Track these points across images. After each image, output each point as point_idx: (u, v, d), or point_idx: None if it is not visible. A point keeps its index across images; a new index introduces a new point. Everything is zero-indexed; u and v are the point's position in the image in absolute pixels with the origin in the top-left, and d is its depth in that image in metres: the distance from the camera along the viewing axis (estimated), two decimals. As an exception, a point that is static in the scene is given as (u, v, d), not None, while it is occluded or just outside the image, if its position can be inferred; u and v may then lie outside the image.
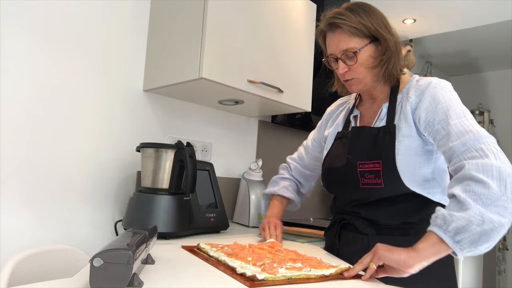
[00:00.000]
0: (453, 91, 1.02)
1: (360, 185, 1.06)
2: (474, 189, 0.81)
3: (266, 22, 1.60)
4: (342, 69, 1.07)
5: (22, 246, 1.26)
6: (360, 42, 1.03)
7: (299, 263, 0.91)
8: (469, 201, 0.79)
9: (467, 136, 0.90)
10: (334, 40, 1.06)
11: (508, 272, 3.98)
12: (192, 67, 1.38)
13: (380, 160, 1.02)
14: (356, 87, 1.10)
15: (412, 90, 1.04)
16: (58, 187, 1.37)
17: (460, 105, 0.98)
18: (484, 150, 0.85)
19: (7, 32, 1.26)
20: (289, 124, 2.27)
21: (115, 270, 0.63)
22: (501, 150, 0.88)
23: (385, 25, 1.06)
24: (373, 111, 1.13)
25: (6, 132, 1.25)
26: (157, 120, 1.67)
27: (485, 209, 0.78)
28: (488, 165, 0.82)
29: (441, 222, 0.81)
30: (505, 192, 0.80)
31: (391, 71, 1.07)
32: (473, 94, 4.41)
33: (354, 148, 1.10)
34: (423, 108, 1.00)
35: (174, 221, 1.24)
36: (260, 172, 1.85)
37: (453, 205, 0.82)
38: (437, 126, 0.96)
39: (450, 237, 0.79)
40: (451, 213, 0.80)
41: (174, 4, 1.52)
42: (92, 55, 1.47)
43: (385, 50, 1.04)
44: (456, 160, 0.90)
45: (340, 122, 1.22)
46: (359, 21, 1.02)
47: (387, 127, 1.05)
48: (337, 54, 1.07)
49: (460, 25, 2.80)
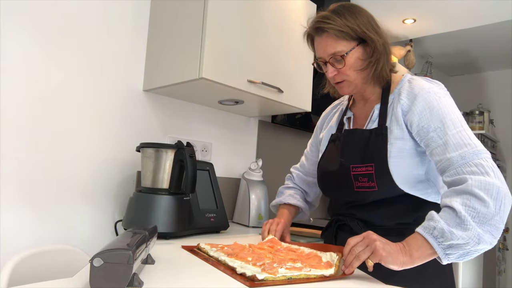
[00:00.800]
0: (447, 96, 1.00)
1: (354, 188, 1.06)
2: (474, 205, 0.83)
3: (266, 22, 1.60)
4: (331, 73, 1.06)
5: (22, 246, 1.26)
6: (348, 45, 1.02)
7: (299, 263, 0.91)
8: (469, 220, 0.82)
9: (465, 149, 0.90)
10: (322, 44, 1.06)
11: (508, 272, 3.98)
12: (192, 67, 1.38)
13: (372, 163, 1.02)
14: (347, 89, 1.09)
15: (404, 92, 1.03)
16: (58, 187, 1.37)
17: (456, 112, 0.96)
18: (485, 167, 0.87)
19: (7, 32, 1.26)
20: (289, 124, 2.27)
21: (115, 270, 0.63)
22: (496, 167, 0.89)
23: (372, 26, 1.04)
24: (366, 112, 1.13)
25: (6, 132, 1.26)
26: (157, 120, 1.67)
27: (481, 229, 0.81)
28: (490, 184, 0.84)
29: (439, 234, 0.83)
30: (499, 212, 0.83)
31: (380, 72, 1.06)
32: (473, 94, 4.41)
33: (347, 151, 1.10)
34: (416, 112, 0.98)
35: (174, 221, 1.24)
36: (260, 172, 1.85)
37: (452, 219, 0.83)
38: (432, 133, 0.95)
39: (442, 249, 0.83)
40: (451, 231, 0.82)
41: (174, 4, 1.52)
42: (92, 55, 1.47)
43: (373, 52, 1.03)
44: (454, 172, 0.90)
45: (334, 124, 1.22)
46: (345, 23, 1.01)
47: (378, 129, 1.04)
48: (325, 58, 1.06)
49: (460, 25, 2.79)
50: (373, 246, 0.85)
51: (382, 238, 0.87)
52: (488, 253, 3.35)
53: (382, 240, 0.87)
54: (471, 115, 3.67)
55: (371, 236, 0.87)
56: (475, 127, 3.60)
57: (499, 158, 3.99)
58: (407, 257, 0.84)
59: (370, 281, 0.88)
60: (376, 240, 0.86)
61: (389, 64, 1.08)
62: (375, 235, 0.87)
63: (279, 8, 1.67)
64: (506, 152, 4.12)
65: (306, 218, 1.41)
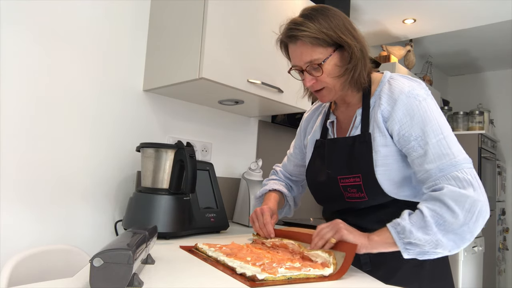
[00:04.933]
0: (428, 97, 0.96)
1: (345, 199, 1.06)
2: (442, 214, 0.85)
3: (266, 22, 1.60)
4: (309, 81, 1.01)
5: (22, 246, 1.26)
6: (324, 52, 0.97)
7: (298, 262, 0.91)
8: (432, 226, 0.85)
9: (444, 160, 0.89)
10: (297, 52, 1.00)
11: (508, 272, 3.98)
12: (192, 67, 1.38)
13: (359, 173, 1.00)
14: (328, 97, 1.05)
15: (384, 96, 0.99)
16: (58, 187, 1.37)
17: (437, 117, 0.93)
18: (461, 180, 0.87)
19: (7, 32, 1.26)
20: (289, 124, 2.27)
21: (115, 270, 0.63)
22: (477, 176, 0.89)
23: (348, 29, 0.98)
24: (349, 116, 1.10)
25: (6, 132, 1.26)
26: (157, 120, 1.68)
27: (443, 236, 0.85)
28: (464, 196, 0.85)
29: (401, 231, 0.88)
30: (468, 223, 0.84)
31: (357, 78, 1.00)
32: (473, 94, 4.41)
33: (332, 162, 1.08)
34: (396, 120, 0.95)
35: (174, 221, 1.24)
36: (260, 172, 1.85)
37: (419, 221, 0.87)
38: (413, 142, 0.93)
39: (403, 244, 0.88)
40: (411, 231, 0.86)
41: (174, 4, 1.52)
42: (92, 55, 1.47)
43: (350, 57, 0.98)
44: (432, 185, 0.91)
45: (318, 128, 1.19)
46: (320, 29, 0.95)
47: (361, 136, 1.02)
48: (301, 66, 1.01)
49: (460, 25, 2.80)
50: (337, 227, 0.94)
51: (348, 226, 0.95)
52: (488, 253, 3.35)
53: (347, 225, 0.95)
54: (471, 115, 3.66)
55: (337, 221, 0.96)
56: (475, 127, 3.60)
57: (499, 158, 3.99)
58: (366, 239, 0.91)
59: (370, 281, 0.88)
60: (340, 223, 0.94)
61: (367, 68, 1.02)
62: (342, 222, 0.95)
63: (279, 8, 1.67)
64: (506, 152, 4.12)
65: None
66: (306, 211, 2.31)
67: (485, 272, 3.15)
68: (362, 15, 2.71)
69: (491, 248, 3.50)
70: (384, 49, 3.14)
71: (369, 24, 2.86)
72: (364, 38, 1.02)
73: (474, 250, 2.76)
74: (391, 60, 3.06)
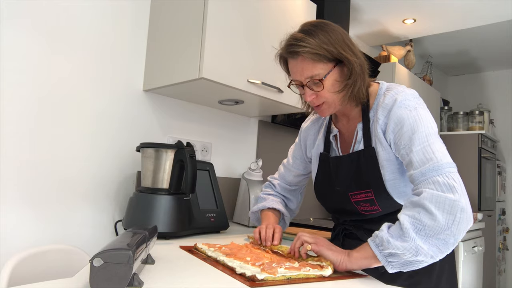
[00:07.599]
0: (419, 106, 0.98)
1: (359, 211, 1.07)
2: (422, 218, 0.84)
3: (266, 22, 1.60)
4: (309, 96, 1.01)
5: (22, 246, 1.26)
6: (325, 67, 0.98)
7: (297, 262, 0.92)
8: (410, 232, 0.83)
9: (427, 165, 0.89)
10: (297, 67, 1.00)
11: (508, 272, 3.98)
12: (192, 67, 1.38)
13: (370, 189, 1.02)
14: (327, 111, 1.05)
15: (380, 110, 1.01)
16: (58, 187, 1.37)
17: (426, 125, 0.94)
18: (441, 184, 0.86)
19: (7, 32, 1.26)
20: (289, 124, 2.27)
21: (115, 270, 0.63)
22: (460, 180, 0.88)
23: (347, 45, 0.99)
24: (351, 130, 1.11)
25: (6, 132, 1.26)
26: (157, 120, 1.68)
27: (424, 242, 0.83)
28: (442, 198, 0.84)
29: (379, 242, 0.87)
30: (451, 226, 0.82)
31: (356, 93, 1.01)
32: (473, 94, 4.41)
33: (340, 179, 1.09)
34: (390, 131, 0.98)
35: (174, 221, 1.24)
36: (260, 172, 1.85)
37: (396, 230, 0.86)
38: (402, 151, 0.95)
39: (384, 257, 0.87)
40: (389, 240, 0.85)
41: (174, 4, 1.52)
42: (92, 55, 1.47)
43: (350, 73, 0.98)
44: (415, 188, 0.91)
45: (321, 142, 1.18)
46: (320, 45, 0.96)
47: (366, 151, 1.03)
48: (302, 81, 1.01)
49: (460, 25, 2.80)
50: (318, 240, 0.96)
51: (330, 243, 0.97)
52: (488, 253, 3.35)
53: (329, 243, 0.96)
54: (471, 115, 3.67)
55: (320, 237, 0.98)
56: (475, 127, 3.60)
57: (499, 158, 3.99)
58: (346, 256, 0.91)
59: (370, 281, 0.88)
60: (323, 239, 0.96)
61: (366, 83, 1.03)
62: (325, 240, 0.97)
63: (279, 8, 1.67)
64: (506, 152, 4.12)
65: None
66: (306, 211, 2.31)
67: (485, 272, 3.15)
68: (362, 15, 2.71)
69: (491, 248, 3.50)
70: (384, 49, 3.14)
71: (369, 24, 2.86)
72: (362, 55, 1.03)
73: (474, 250, 2.76)
74: (391, 60, 3.06)
